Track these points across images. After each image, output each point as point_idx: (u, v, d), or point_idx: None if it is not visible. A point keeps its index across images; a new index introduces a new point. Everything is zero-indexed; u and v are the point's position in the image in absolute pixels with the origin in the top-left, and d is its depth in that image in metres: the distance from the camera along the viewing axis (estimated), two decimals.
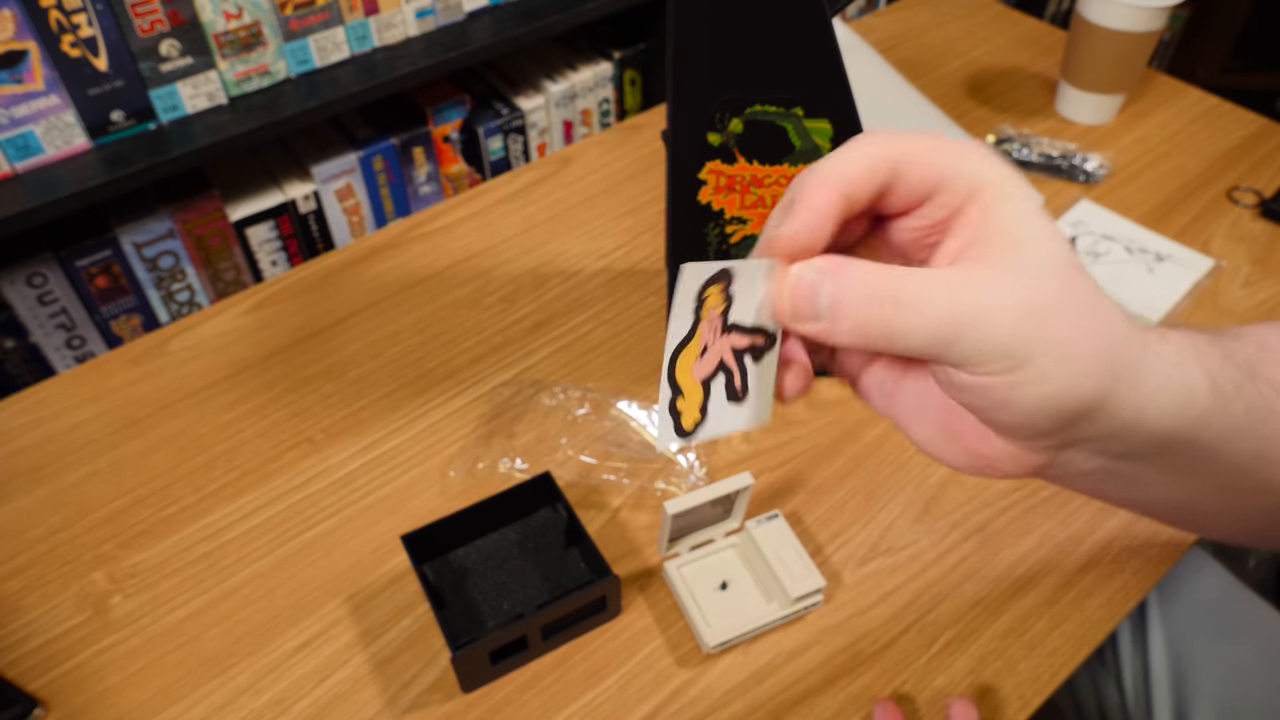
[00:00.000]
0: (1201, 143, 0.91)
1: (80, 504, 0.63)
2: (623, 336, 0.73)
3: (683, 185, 0.58)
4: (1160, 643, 0.65)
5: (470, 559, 0.57)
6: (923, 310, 0.28)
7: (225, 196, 1.11)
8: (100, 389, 0.70)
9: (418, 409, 0.68)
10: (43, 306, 1.03)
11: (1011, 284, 0.28)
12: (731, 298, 0.30)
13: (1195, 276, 0.76)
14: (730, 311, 0.29)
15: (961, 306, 0.27)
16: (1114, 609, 0.56)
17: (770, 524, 0.57)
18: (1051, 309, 0.28)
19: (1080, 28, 0.89)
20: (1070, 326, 0.28)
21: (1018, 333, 0.27)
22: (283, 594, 0.58)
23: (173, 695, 0.53)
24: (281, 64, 1.04)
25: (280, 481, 0.64)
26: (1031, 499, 0.62)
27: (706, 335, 0.29)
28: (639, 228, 0.83)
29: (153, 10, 0.92)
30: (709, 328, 0.29)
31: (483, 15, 1.17)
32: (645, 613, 0.56)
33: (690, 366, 0.30)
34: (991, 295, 0.28)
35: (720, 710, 0.52)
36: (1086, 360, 0.28)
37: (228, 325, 0.75)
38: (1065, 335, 0.28)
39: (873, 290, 0.28)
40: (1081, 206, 0.83)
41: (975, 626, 0.56)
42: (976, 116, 0.95)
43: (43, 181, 0.92)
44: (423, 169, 1.25)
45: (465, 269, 0.79)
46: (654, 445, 0.25)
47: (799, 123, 0.55)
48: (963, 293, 0.28)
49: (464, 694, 0.53)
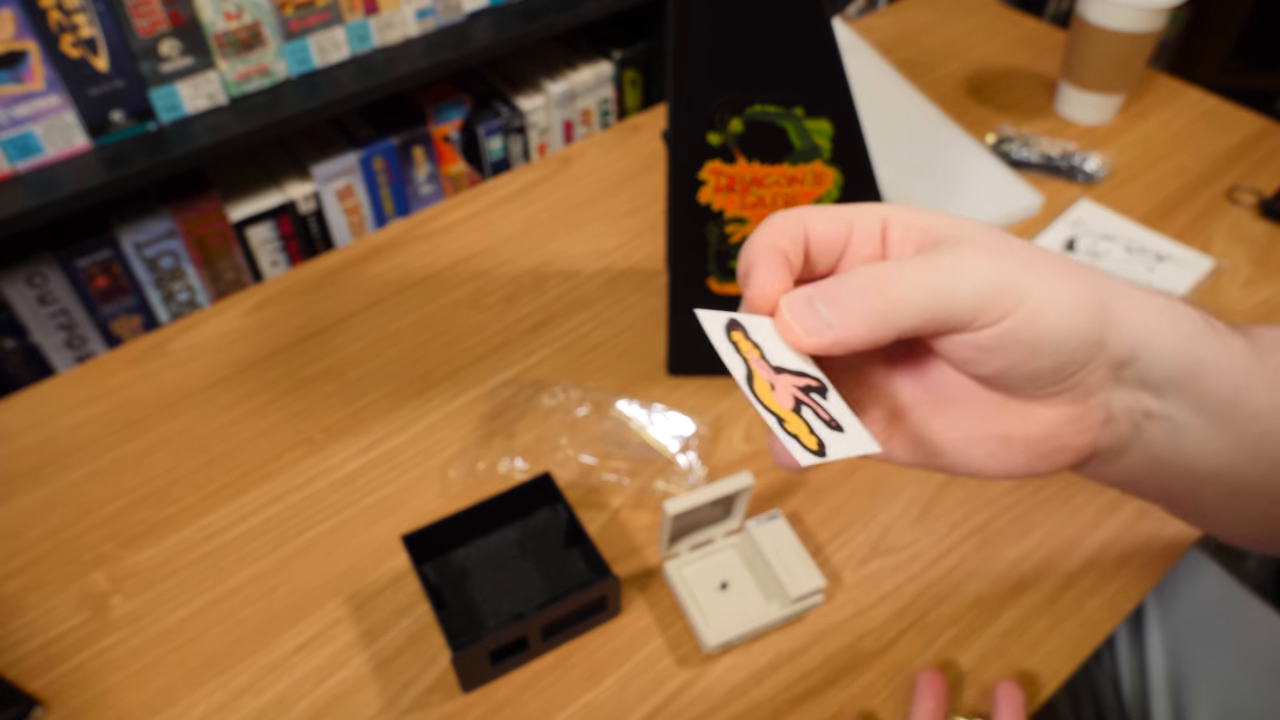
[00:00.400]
0: (1201, 143, 0.91)
1: (80, 504, 0.63)
2: (623, 336, 0.73)
3: (683, 185, 0.58)
4: (1158, 644, 0.65)
5: (470, 559, 0.57)
6: (909, 283, 0.30)
7: (225, 197, 1.11)
8: (100, 389, 0.70)
9: (418, 409, 0.68)
10: (43, 306, 1.03)
11: (980, 245, 0.31)
12: (759, 344, 0.32)
13: (1195, 276, 0.76)
14: (768, 357, 0.32)
15: (941, 268, 0.30)
16: (1114, 609, 0.56)
17: (770, 524, 0.57)
18: (1025, 254, 0.31)
19: (1080, 28, 0.89)
20: (1048, 263, 0.31)
21: (1001, 274, 0.30)
22: (283, 594, 0.58)
23: (173, 695, 0.53)
24: (281, 64, 1.04)
25: (280, 481, 0.64)
26: (1032, 499, 0.62)
27: (765, 373, 0.31)
28: (639, 228, 0.83)
29: (153, 10, 0.92)
30: (761, 367, 0.31)
31: (483, 15, 1.17)
32: (645, 613, 0.56)
33: (772, 397, 0.31)
34: (966, 255, 0.30)
35: (720, 710, 0.52)
36: (1076, 283, 0.30)
37: (228, 325, 0.75)
38: (1047, 270, 0.30)
39: (851, 286, 0.30)
40: (1081, 206, 0.83)
41: (975, 626, 0.56)
42: (976, 116, 0.95)
43: (43, 181, 0.92)
44: (423, 169, 1.25)
45: (465, 269, 0.79)
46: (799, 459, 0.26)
47: (799, 123, 0.55)
48: (940, 260, 0.30)
49: (464, 694, 0.53)
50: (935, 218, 0.33)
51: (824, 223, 0.33)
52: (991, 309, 0.30)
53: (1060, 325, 0.30)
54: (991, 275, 0.30)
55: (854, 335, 0.30)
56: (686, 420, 0.65)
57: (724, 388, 0.69)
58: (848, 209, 0.33)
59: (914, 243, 0.32)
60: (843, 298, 0.30)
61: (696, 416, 0.66)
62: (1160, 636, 0.65)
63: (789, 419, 0.30)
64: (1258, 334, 0.34)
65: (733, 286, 0.63)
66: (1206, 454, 0.34)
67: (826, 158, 0.56)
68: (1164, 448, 0.34)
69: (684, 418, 0.66)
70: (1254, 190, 0.85)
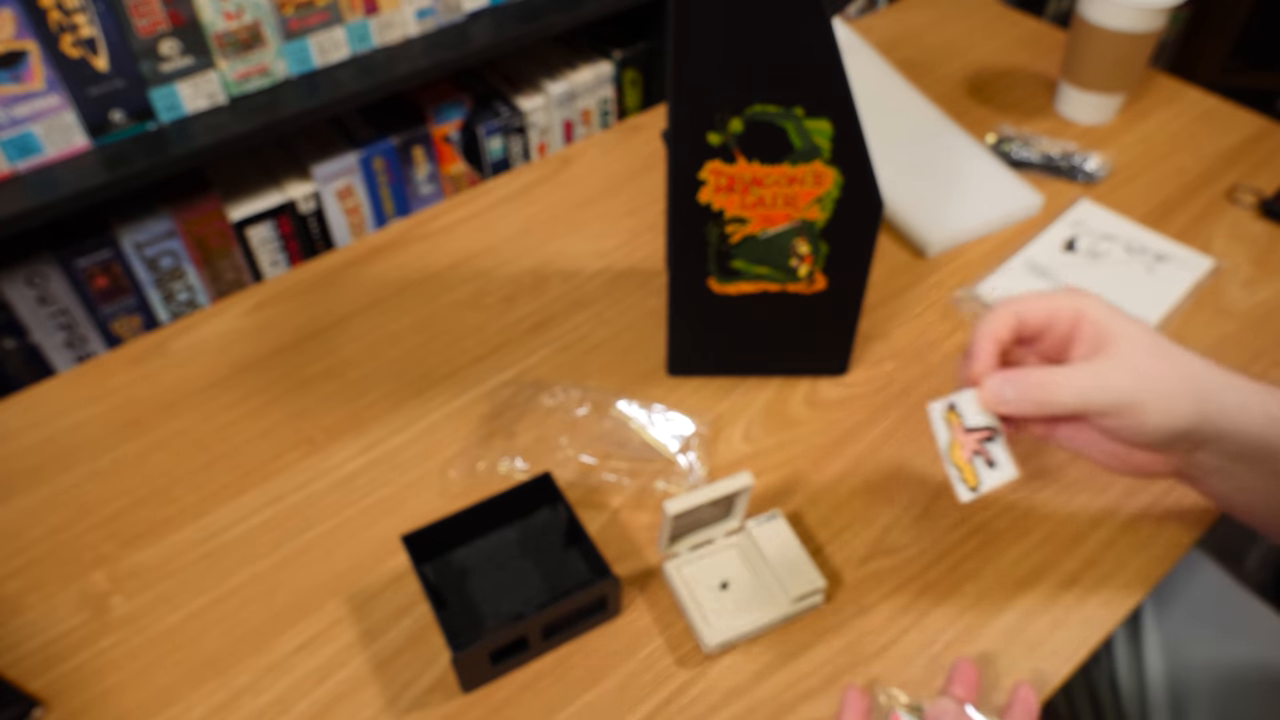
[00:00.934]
0: (1201, 143, 0.91)
1: (80, 504, 0.63)
2: (623, 336, 0.73)
3: (683, 185, 0.58)
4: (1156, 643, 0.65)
5: (470, 559, 0.57)
6: (1060, 388, 0.48)
7: (225, 196, 1.11)
8: (100, 389, 0.70)
9: (418, 409, 0.68)
10: (43, 306, 1.03)
11: (1116, 363, 0.48)
12: (962, 414, 0.52)
13: (1195, 276, 0.76)
14: (965, 421, 0.52)
15: (1087, 383, 0.48)
16: (1114, 609, 0.56)
17: (770, 524, 0.57)
18: (1146, 372, 0.47)
19: (1080, 28, 0.89)
20: (1161, 379, 0.47)
21: (1128, 390, 0.47)
22: (283, 594, 0.58)
23: (173, 695, 0.53)
24: (281, 64, 1.04)
25: (280, 482, 0.64)
26: (1032, 499, 0.62)
27: (959, 435, 0.51)
28: (639, 228, 0.83)
29: (153, 10, 0.92)
30: (958, 432, 0.51)
31: (483, 15, 1.17)
32: (645, 613, 0.56)
33: (959, 454, 0.51)
34: (1110, 370, 0.48)
35: (720, 710, 0.52)
36: (1177, 398, 0.47)
37: (228, 325, 0.75)
38: (1160, 386, 0.47)
39: (1028, 381, 0.49)
40: (1081, 206, 0.83)
41: (975, 626, 0.56)
42: (976, 116, 0.95)
43: (43, 181, 0.92)
44: (423, 169, 1.25)
45: (465, 269, 0.79)
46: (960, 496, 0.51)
47: (799, 123, 0.55)
48: (1082, 378, 0.48)
49: (464, 694, 0.53)
50: (1112, 319, 0.49)
51: (1033, 313, 0.50)
52: (1116, 414, 0.47)
53: (1162, 427, 0.47)
54: (1121, 391, 0.47)
55: (1023, 412, 0.49)
56: (686, 420, 0.65)
57: (724, 387, 0.69)
58: (1052, 300, 0.50)
59: (1089, 340, 0.49)
60: (1021, 386, 0.49)
61: (696, 416, 0.66)
62: (1158, 636, 0.65)
63: (963, 469, 0.51)
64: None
65: (732, 286, 0.63)
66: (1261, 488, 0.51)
67: (826, 158, 0.56)
68: (1231, 486, 0.52)
69: (684, 418, 0.66)
70: (1254, 190, 0.85)
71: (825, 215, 0.59)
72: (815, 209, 0.59)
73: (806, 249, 0.61)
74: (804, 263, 0.62)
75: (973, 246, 0.81)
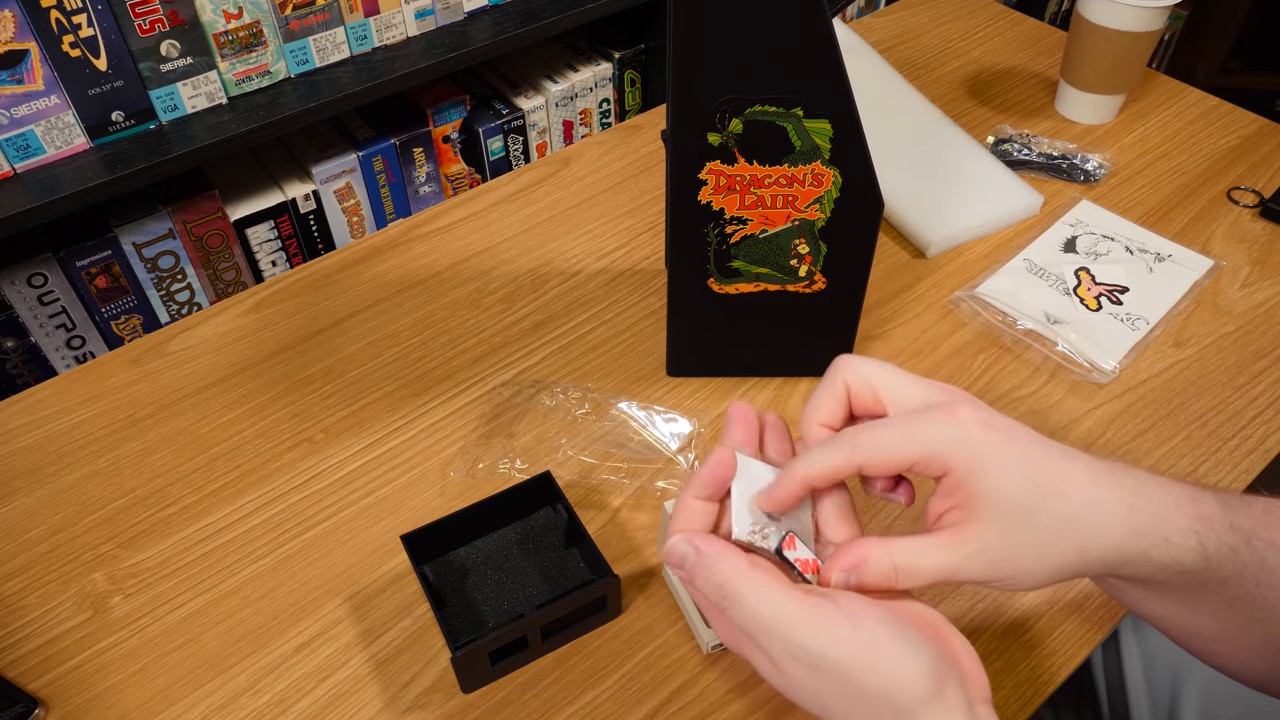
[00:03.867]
0: (1201, 143, 0.91)
1: (80, 504, 0.63)
2: (623, 336, 0.73)
3: (683, 185, 0.58)
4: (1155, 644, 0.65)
5: (470, 559, 0.57)
6: (918, 573, 0.40)
7: (225, 196, 1.11)
8: (100, 389, 0.70)
9: (418, 409, 0.68)
10: (43, 306, 1.03)
11: (980, 541, 0.40)
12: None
13: (1195, 276, 0.76)
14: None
15: (944, 568, 0.40)
16: (1115, 609, 0.56)
17: None
18: (1015, 547, 0.40)
19: (1080, 28, 0.89)
20: (1032, 550, 0.40)
21: (992, 569, 0.40)
22: (283, 594, 0.58)
23: (173, 695, 0.53)
24: (281, 64, 1.04)
25: (280, 481, 0.64)
26: None
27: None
28: (639, 228, 0.83)
29: (153, 10, 0.92)
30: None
31: (483, 15, 1.17)
32: (645, 613, 0.56)
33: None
34: (963, 555, 0.40)
35: (720, 710, 0.52)
36: (1050, 557, 0.40)
37: (228, 325, 0.75)
38: (1026, 556, 0.40)
39: (879, 567, 0.40)
40: (1081, 206, 0.83)
41: (975, 626, 0.56)
42: (976, 116, 0.95)
43: (43, 181, 0.92)
44: (423, 169, 1.25)
45: (465, 269, 0.79)
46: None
47: (799, 123, 0.55)
48: (942, 557, 0.40)
49: (464, 694, 0.53)
50: (981, 473, 0.40)
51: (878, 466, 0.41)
52: (985, 583, 0.41)
53: (1036, 584, 0.40)
54: (983, 574, 0.40)
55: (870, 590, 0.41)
56: (686, 420, 0.65)
57: (724, 387, 0.69)
58: (909, 445, 0.40)
59: (949, 495, 0.41)
60: (869, 572, 0.40)
61: (696, 417, 0.66)
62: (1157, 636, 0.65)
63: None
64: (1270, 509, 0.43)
65: (732, 286, 0.63)
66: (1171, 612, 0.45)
67: (826, 158, 0.56)
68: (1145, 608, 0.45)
69: (684, 418, 0.66)
70: (1254, 190, 0.85)
71: (825, 215, 0.59)
72: (815, 209, 0.59)
73: (806, 249, 0.61)
74: (804, 263, 0.62)
75: (973, 246, 0.81)
